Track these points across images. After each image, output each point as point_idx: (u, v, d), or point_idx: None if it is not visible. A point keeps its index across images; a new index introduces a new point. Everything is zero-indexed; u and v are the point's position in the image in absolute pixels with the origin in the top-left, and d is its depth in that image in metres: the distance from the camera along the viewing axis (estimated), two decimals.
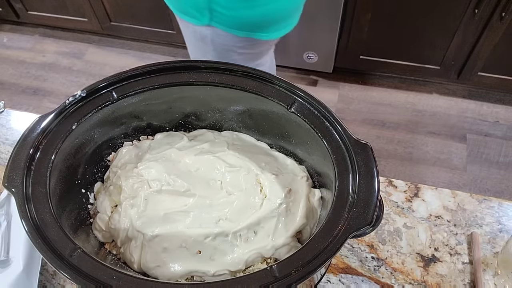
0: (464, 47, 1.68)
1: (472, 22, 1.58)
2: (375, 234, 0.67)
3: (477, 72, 1.77)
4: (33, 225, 0.41)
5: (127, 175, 0.52)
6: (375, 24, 1.64)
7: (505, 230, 0.66)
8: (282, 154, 0.57)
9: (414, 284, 0.61)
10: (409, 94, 1.94)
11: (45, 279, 0.62)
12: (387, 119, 1.86)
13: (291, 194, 0.51)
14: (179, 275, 0.46)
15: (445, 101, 1.91)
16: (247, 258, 0.47)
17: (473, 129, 1.82)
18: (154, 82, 0.54)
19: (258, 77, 0.53)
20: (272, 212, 0.49)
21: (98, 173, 0.56)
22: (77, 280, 0.38)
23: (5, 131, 0.83)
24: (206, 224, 0.48)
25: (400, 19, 1.64)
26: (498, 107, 1.88)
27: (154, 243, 0.47)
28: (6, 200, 0.66)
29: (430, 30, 1.66)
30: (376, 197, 0.41)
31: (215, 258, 0.47)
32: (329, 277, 0.62)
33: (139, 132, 0.59)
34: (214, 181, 0.50)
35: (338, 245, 0.39)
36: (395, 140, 1.79)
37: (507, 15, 1.50)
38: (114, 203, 0.52)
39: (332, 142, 0.47)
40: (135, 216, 0.49)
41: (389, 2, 1.58)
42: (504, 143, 1.77)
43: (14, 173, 0.45)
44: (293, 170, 0.54)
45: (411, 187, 0.72)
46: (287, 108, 0.52)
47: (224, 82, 0.55)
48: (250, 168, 0.52)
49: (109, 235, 0.51)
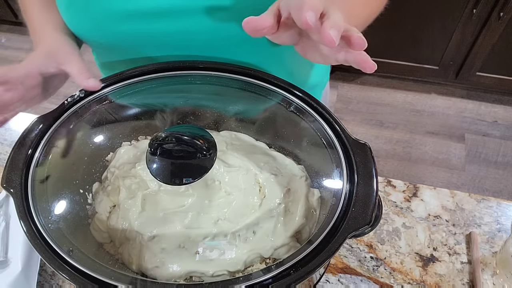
0: (462, 47, 1.68)
1: (471, 22, 1.58)
2: (374, 234, 0.67)
3: (475, 72, 1.77)
4: (32, 226, 0.41)
5: (125, 175, 0.52)
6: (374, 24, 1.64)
7: (503, 229, 0.67)
8: (281, 154, 0.57)
9: (413, 284, 0.62)
10: (408, 94, 1.94)
11: (44, 279, 0.62)
12: (386, 119, 1.86)
13: (290, 194, 0.51)
14: (177, 275, 0.46)
15: (443, 101, 1.92)
16: (246, 259, 0.46)
17: (472, 129, 1.82)
18: (152, 82, 0.55)
19: (257, 77, 0.53)
20: (271, 212, 0.49)
21: (96, 173, 0.56)
22: (76, 280, 0.38)
23: (3, 132, 0.83)
24: (204, 224, 0.48)
25: (398, 19, 1.64)
26: (497, 107, 1.89)
27: (153, 243, 0.47)
28: (4, 200, 0.66)
29: (429, 30, 1.66)
30: (375, 197, 0.41)
31: (214, 258, 0.47)
32: (328, 277, 0.62)
33: (137, 132, 0.59)
34: (212, 181, 0.50)
35: (337, 245, 0.39)
36: (393, 140, 1.80)
37: (506, 15, 1.50)
38: (112, 203, 0.52)
39: (331, 142, 0.47)
40: (134, 216, 0.49)
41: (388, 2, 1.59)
42: (502, 143, 1.78)
43: (12, 173, 0.45)
44: (292, 170, 0.54)
45: (409, 187, 0.72)
46: (286, 108, 0.52)
47: (222, 82, 0.55)
48: (249, 168, 0.52)
49: (107, 236, 0.50)
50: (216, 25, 0.53)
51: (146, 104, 0.58)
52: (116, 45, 0.57)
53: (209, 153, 0.45)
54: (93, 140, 0.56)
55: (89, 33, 0.56)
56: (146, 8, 0.52)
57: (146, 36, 0.55)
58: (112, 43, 0.57)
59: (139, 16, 0.53)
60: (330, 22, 0.34)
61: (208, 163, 0.45)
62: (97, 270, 0.39)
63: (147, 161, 0.45)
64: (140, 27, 0.54)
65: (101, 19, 0.54)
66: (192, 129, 0.48)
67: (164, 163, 0.45)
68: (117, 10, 0.52)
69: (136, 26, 0.53)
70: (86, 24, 0.55)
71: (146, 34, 0.55)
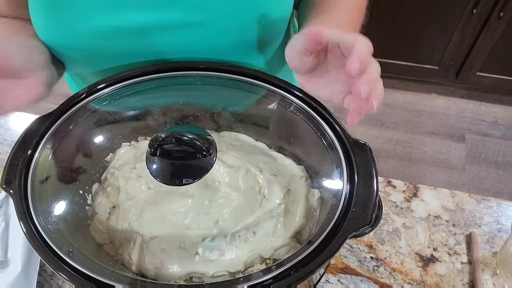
0: (462, 47, 1.68)
1: (471, 22, 1.58)
2: (374, 234, 0.67)
3: (475, 72, 1.77)
4: (31, 226, 0.41)
5: (125, 176, 0.52)
6: (374, 24, 1.64)
7: (503, 230, 0.67)
8: (281, 154, 0.57)
9: (413, 284, 0.61)
10: (408, 94, 1.94)
11: (44, 279, 0.62)
12: (386, 119, 1.86)
13: (290, 194, 0.51)
14: (177, 276, 0.46)
15: (443, 101, 1.92)
16: (246, 259, 0.46)
17: (472, 129, 1.82)
18: (152, 82, 0.54)
19: (257, 77, 0.53)
20: (271, 213, 0.49)
21: (96, 174, 0.55)
22: (76, 281, 0.38)
23: (3, 132, 0.83)
24: (204, 225, 0.48)
25: (398, 19, 1.65)
26: (497, 107, 1.89)
27: (153, 244, 0.47)
28: (4, 200, 0.66)
29: (429, 30, 1.66)
30: (375, 197, 0.41)
31: (214, 259, 0.46)
32: (328, 277, 0.62)
33: (137, 133, 0.59)
34: (212, 181, 0.50)
35: (337, 245, 0.39)
36: (394, 140, 1.80)
37: (506, 15, 1.50)
38: (112, 204, 0.52)
39: (331, 142, 0.47)
40: (133, 217, 0.49)
41: (387, 2, 1.59)
42: (502, 143, 1.78)
43: (12, 174, 0.44)
44: (292, 170, 0.54)
45: (410, 187, 0.72)
46: (286, 108, 0.52)
47: (222, 82, 0.55)
48: (249, 168, 0.52)
49: (107, 237, 0.50)
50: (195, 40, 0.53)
51: (146, 104, 0.58)
52: (93, 59, 0.56)
53: (209, 154, 0.45)
54: (92, 140, 0.56)
55: (66, 50, 0.54)
56: (129, 25, 0.51)
57: (126, 51, 0.54)
58: (89, 58, 0.56)
59: (123, 32, 0.52)
60: (368, 77, 0.37)
61: (208, 164, 0.45)
62: (97, 271, 0.39)
63: (147, 162, 0.45)
64: (122, 44, 0.53)
65: (81, 36, 0.52)
66: (192, 130, 0.48)
67: (164, 163, 0.45)
68: (98, 27, 0.51)
69: (117, 42, 0.53)
70: (64, 41, 0.53)
71: (128, 49, 0.54)
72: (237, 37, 0.53)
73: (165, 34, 0.52)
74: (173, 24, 0.51)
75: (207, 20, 0.51)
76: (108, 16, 0.50)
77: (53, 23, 0.51)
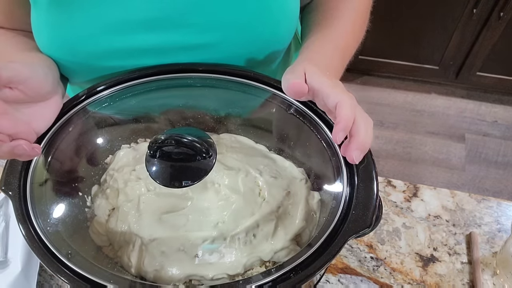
0: (462, 47, 1.68)
1: (471, 22, 1.58)
2: (374, 234, 0.67)
3: (475, 72, 1.77)
4: (31, 229, 0.41)
5: (124, 178, 0.52)
6: (374, 24, 1.64)
7: (503, 229, 0.67)
8: (280, 156, 0.57)
9: (413, 284, 0.61)
10: (408, 94, 1.94)
11: (44, 279, 0.62)
12: (386, 119, 1.86)
13: (290, 196, 0.51)
14: (177, 279, 0.46)
15: (443, 101, 1.92)
16: (245, 262, 0.46)
17: (472, 129, 1.82)
18: (152, 84, 0.54)
19: (257, 79, 0.53)
20: (271, 215, 0.49)
21: (95, 176, 0.55)
22: (75, 284, 0.38)
23: None
24: (204, 227, 0.47)
25: (398, 19, 1.64)
26: (497, 107, 1.89)
27: (152, 246, 0.47)
28: (4, 201, 0.66)
29: (429, 30, 1.66)
30: (375, 199, 0.41)
31: (214, 261, 0.46)
32: (328, 277, 0.62)
33: (136, 135, 0.59)
34: (212, 183, 0.50)
35: (337, 248, 0.39)
36: (393, 140, 1.80)
37: (506, 15, 1.50)
38: (112, 206, 0.52)
39: (331, 144, 0.47)
40: (133, 219, 0.49)
41: (387, 2, 1.58)
42: (502, 143, 1.78)
43: (11, 176, 0.44)
44: (292, 173, 0.54)
45: (410, 187, 0.72)
46: (286, 110, 0.52)
47: (222, 84, 0.55)
48: (248, 170, 0.52)
49: (106, 239, 0.50)
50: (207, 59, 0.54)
51: (145, 106, 0.58)
52: (100, 75, 0.57)
53: (208, 156, 0.45)
54: (92, 142, 0.55)
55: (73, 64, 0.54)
56: (133, 46, 0.52)
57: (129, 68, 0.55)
58: (96, 73, 0.56)
59: (126, 52, 0.53)
60: (357, 142, 0.39)
61: (208, 166, 0.45)
62: (96, 273, 0.39)
63: (147, 164, 0.45)
64: (126, 63, 0.54)
65: (90, 56, 0.52)
66: (191, 132, 0.48)
67: (164, 165, 0.45)
68: (109, 47, 0.51)
69: (121, 62, 0.54)
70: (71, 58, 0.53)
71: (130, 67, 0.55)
72: (247, 53, 0.56)
73: (178, 55, 0.54)
74: (185, 45, 0.53)
75: (220, 40, 0.53)
76: (118, 37, 0.51)
77: (60, 42, 0.51)
